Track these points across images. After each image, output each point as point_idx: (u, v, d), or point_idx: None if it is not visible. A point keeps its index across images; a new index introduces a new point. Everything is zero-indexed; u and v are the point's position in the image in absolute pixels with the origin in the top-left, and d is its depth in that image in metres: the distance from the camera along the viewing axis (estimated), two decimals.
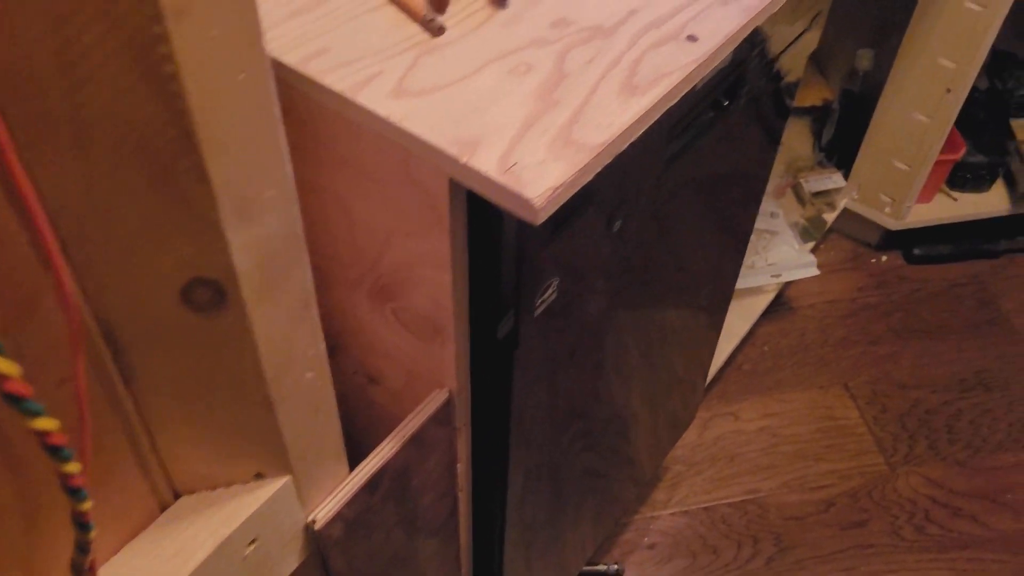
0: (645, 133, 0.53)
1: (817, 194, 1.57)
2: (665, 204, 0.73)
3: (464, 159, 0.48)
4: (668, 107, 0.54)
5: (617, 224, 0.65)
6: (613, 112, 0.51)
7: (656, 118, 0.53)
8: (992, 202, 1.61)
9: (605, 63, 0.54)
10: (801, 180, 1.58)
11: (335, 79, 0.52)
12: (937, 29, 1.34)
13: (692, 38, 0.56)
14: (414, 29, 0.56)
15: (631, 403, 0.96)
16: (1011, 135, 1.63)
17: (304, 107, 0.54)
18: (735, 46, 0.58)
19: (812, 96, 1.70)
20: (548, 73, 0.53)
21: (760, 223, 1.49)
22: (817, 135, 1.68)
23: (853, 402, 1.45)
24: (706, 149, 0.75)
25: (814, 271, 1.45)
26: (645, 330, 0.87)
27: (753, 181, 0.96)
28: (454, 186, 0.51)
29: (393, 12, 0.56)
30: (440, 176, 0.50)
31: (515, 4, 0.58)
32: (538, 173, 0.48)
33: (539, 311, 0.60)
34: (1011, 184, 1.61)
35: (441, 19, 0.56)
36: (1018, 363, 1.50)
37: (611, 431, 0.94)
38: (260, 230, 0.42)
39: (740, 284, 1.42)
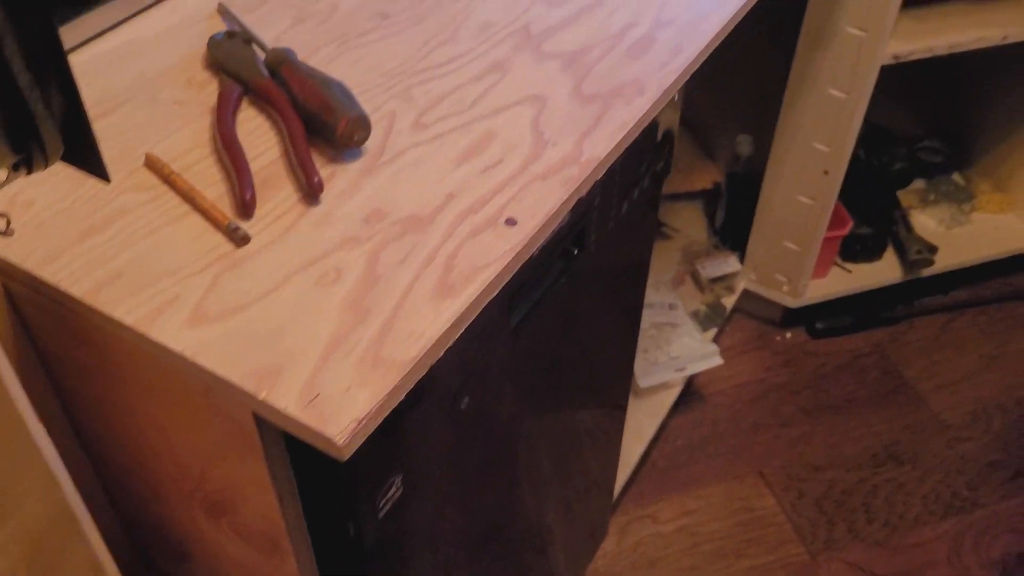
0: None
1: (715, 279, 1.58)
2: (525, 361, 0.70)
3: (262, 394, 0.45)
4: (487, 301, 0.52)
5: (465, 401, 0.62)
6: (425, 319, 0.49)
7: (473, 317, 0.51)
8: (885, 271, 1.64)
9: (419, 260, 0.52)
10: (698, 266, 1.59)
11: (127, 310, 0.48)
12: (807, 115, 1.38)
13: (511, 222, 0.54)
14: (218, 239, 0.53)
15: (539, 523, 0.93)
16: (896, 204, 1.67)
17: (101, 337, 0.51)
18: (558, 222, 0.57)
19: (702, 180, 1.73)
20: (358, 278, 0.51)
21: (660, 316, 1.48)
22: (710, 217, 1.70)
23: (769, 490, 1.43)
24: (564, 295, 0.73)
25: (717, 360, 1.44)
26: (536, 462, 0.84)
27: (629, 297, 0.95)
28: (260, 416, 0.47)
29: (197, 221, 0.54)
30: (244, 408, 0.47)
31: (329, 197, 0.56)
32: (343, 403, 0.45)
33: (384, 512, 0.57)
34: (900, 252, 1.64)
35: (246, 228, 0.53)
36: (925, 432, 1.51)
37: (525, 551, 0.90)
38: (18, 523, 0.38)
39: (645, 382, 1.41)
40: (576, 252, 0.71)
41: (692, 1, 0.74)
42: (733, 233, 1.63)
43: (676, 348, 1.45)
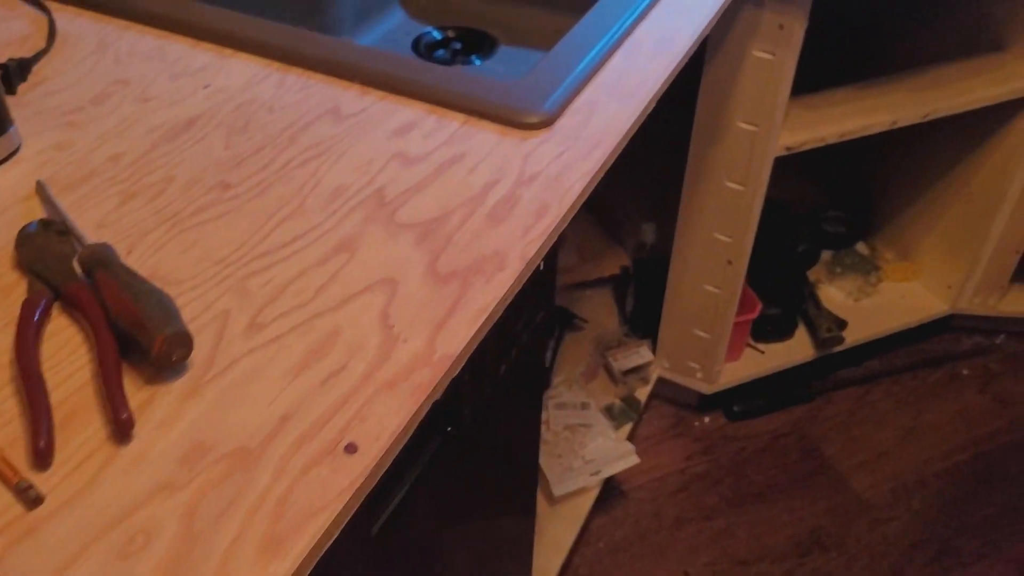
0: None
1: (628, 372, 1.54)
2: (393, 569, 0.64)
3: None
4: (320, 554, 0.45)
5: None
6: None
7: (308, 573, 0.45)
8: (798, 349, 1.63)
9: (245, 509, 0.46)
10: (610, 359, 1.55)
11: None
12: (707, 207, 1.36)
13: (351, 448, 0.49)
14: (6, 500, 0.46)
15: None
16: (804, 281, 1.67)
17: None
18: (405, 441, 0.51)
19: (610, 265, 1.70)
20: (171, 541, 0.44)
21: (573, 418, 1.44)
22: (621, 303, 1.67)
23: None
24: (440, 480, 0.67)
25: (634, 460, 1.40)
26: None
27: (521, 459, 0.89)
28: None
29: None
30: None
31: (144, 431, 0.49)
32: None
33: None
34: (812, 329, 1.64)
35: (40, 484, 0.46)
36: (848, 514, 1.49)
37: None
38: None
39: (560, 490, 1.36)
40: (450, 430, 0.65)
41: (558, 148, 0.70)
42: (644, 319, 1.60)
43: (591, 450, 1.40)
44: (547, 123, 0.72)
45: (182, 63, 0.78)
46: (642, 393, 1.54)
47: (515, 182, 0.67)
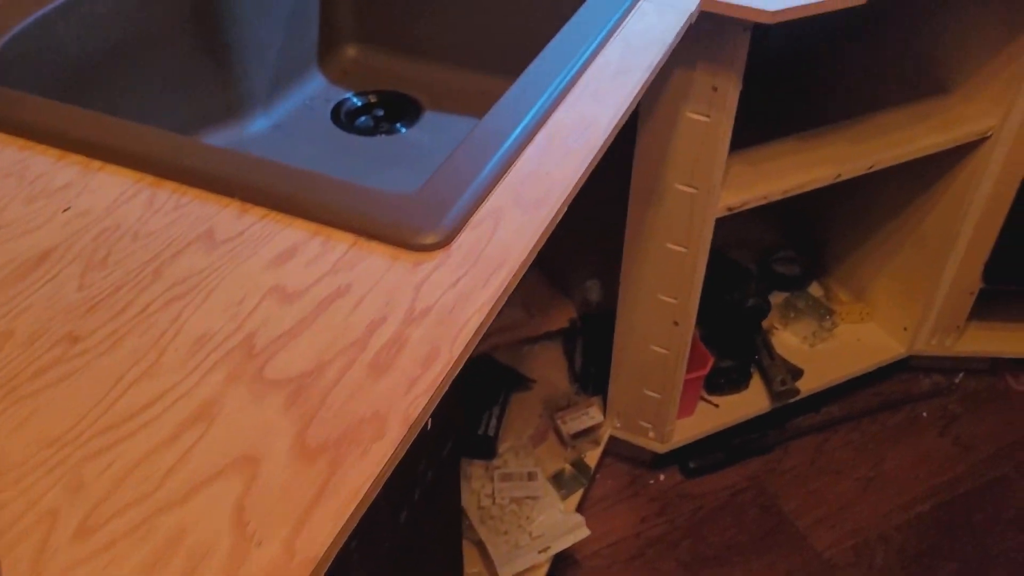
0: None
1: (577, 434, 1.48)
2: None
3: None
4: None
5: None
6: None
7: None
8: (753, 401, 1.58)
9: None
10: (559, 422, 1.48)
11: None
12: (649, 269, 1.30)
13: None
14: None
15: None
16: (757, 331, 1.61)
17: None
18: None
19: (558, 319, 1.64)
20: None
21: (519, 490, 1.37)
22: (570, 358, 1.61)
23: None
24: None
25: (584, 533, 1.34)
26: None
27: None
28: None
29: None
30: None
31: None
32: None
33: None
34: (766, 380, 1.58)
35: None
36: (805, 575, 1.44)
37: None
38: None
39: (507, 571, 1.29)
40: None
41: (454, 274, 0.63)
42: (594, 376, 1.54)
43: (538, 525, 1.33)
44: (444, 243, 0.65)
45: (43, 181, 0.71)
46: (592, 457, 1.48)
47: (403, 319, 0.60)
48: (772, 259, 1.76)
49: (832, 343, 1.66)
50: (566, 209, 0.71)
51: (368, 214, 0.66)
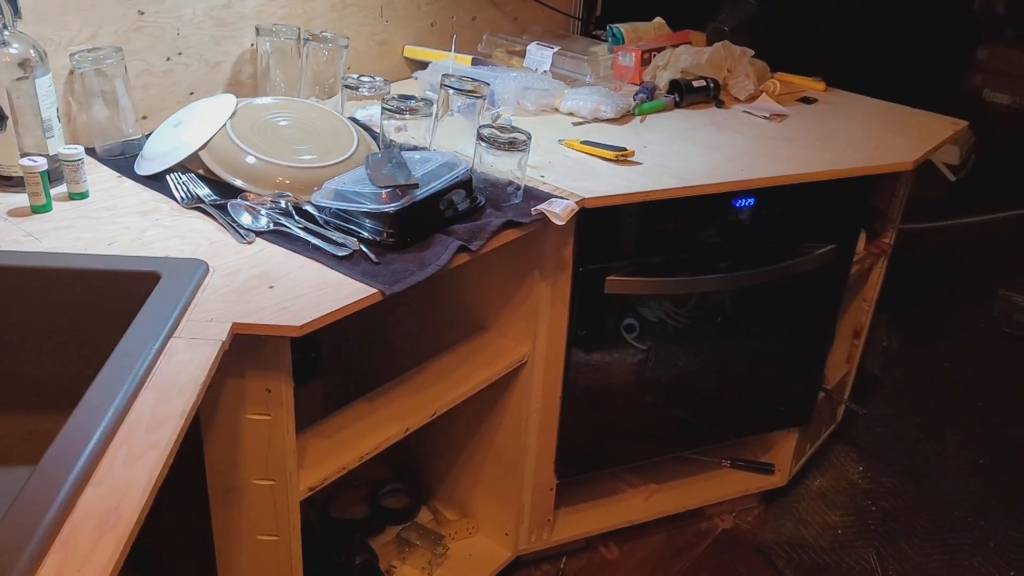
0: None
1: None
2: None
3: None
4: None
5: None
6: None
7: None
8: None
9: None
10: None
11: None
12: (244, 562, 1.28)
13: None
14: None
15: None
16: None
17: None
18: None
19: None
20: None
21: None
22: None
23: None
24: None
25: None
26: None
27: None
28: None
29: None
30: None
31: None
32: None
33: None
34: None
35: None
36: None
37: None
38: None
39: None
40: None
41: None
42: None
43: None
44: None
45: None
46: None
47: None
48: (381, 494, 1.83)
49: (448, 565, 1.75)
50: None
51: None
